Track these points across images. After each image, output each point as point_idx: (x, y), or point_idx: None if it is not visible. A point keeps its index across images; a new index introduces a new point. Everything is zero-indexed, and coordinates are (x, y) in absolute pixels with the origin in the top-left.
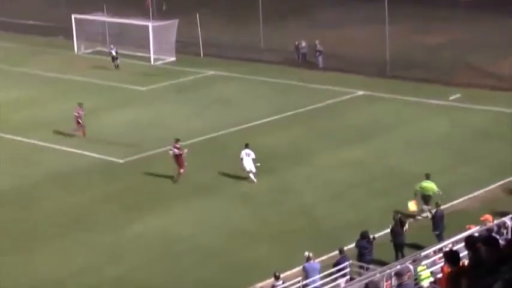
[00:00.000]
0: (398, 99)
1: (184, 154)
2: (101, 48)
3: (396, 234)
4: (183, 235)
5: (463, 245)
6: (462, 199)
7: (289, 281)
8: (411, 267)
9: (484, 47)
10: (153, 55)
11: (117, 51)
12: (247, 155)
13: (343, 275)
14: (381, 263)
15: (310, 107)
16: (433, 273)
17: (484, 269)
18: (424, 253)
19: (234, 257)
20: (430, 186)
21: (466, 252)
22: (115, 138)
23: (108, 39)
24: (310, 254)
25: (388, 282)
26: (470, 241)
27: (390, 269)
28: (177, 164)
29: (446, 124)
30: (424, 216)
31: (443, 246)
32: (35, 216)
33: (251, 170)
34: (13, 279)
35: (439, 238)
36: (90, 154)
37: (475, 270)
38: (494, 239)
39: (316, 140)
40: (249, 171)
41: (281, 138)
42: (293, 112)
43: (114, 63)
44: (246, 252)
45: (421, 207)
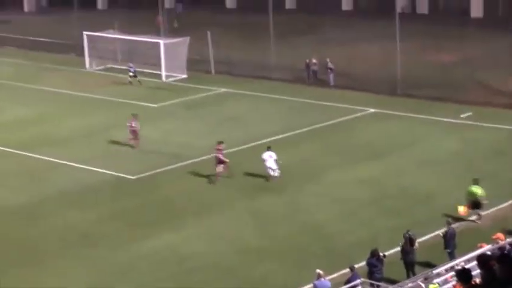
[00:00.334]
0: (409, 117)
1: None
2: (112, 65)
3: (406, 252)
4: (194, 252)
5: (474, 263)
6: (474, 217)
7: None
8: (423, 285)
9: (495, 65)
10: (164, 72)
11: (135, 70)
12: (270, 156)
13: None
14: (392, 281)
15: (321, 124)
16: None
17: (497, 286)
18: (435, 271)
19: (245, 274)
20: (475, 191)
21: (477, 271)
22: (126, 155)
23: (119, 56)
24: (321, 271)
25: None
26: (483, 259)
27: (401, 287)
28: (219, 163)
29: (458, 142)
30: (472, 219)
31: (455, 265)
32: (44, 233)
33: (275, 169)
34: None
35: (451, 256)
36: (101, 170)
37: None
38: (508, 257)
39: (327, 157)
40: (273, 170)
41: (292, 155)
42: (304, 130)
43: (131, 80)
44: (256, 269)
45: (472, 211)
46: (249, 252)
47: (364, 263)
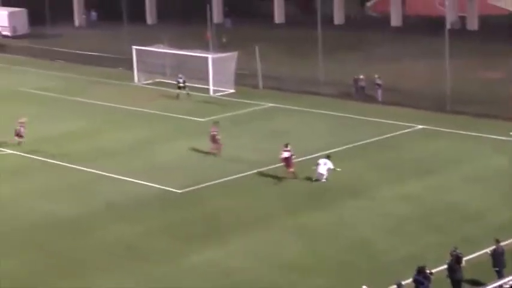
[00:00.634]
0: (458, 133)
1: (293, 156)
2: (160, 79)
3: (453, 270)
4: (239, 267)
5: None
6: None
7: None
8: None
9: None
10: (212, 87)
11: (185, 81)
12: (325, 164)
13: None
14: None
15: (368, 140)
16: None
17: None
18: None
19: None
20: None
21: None
22: (173, 169)
23: (168, 70)
24: None
25: None
26: None
27: None
28: (287, 165)
29: (506, 160)
30: None
31: (504, 283)
32: (91, 245)
33: (323, 175)
34: None
35: (499, 275)
36: (148, 184)
37: None
38: None
39: (374, 173)
40: (321, 175)
41: (339, 171)
42: (351, 145)
43: (179, 91)
44: (301, 286)
45: None
46: (294, 268)
47: (410, 279)
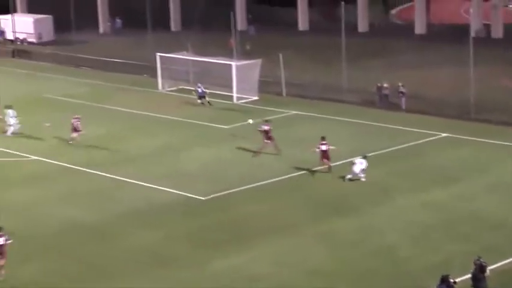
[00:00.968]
0: (482, 142)
1: (330, 149)
2: (184, 86)
3: (478, 280)
4: (263, 273)
5: None
6: None
7: None
8: None
9: None
10: (236, 94)
11: (204, 90)
12: (361, 163)
13: None
14: None
15: (392, 148)
16: None
17: None
18: None
19: None
20: None
21: None
22: (197, 175)
23: (191, 77)
24: None
25: None
26: None
27: None
28: (324, 158)
29: None
30: None
31: None
32: (115, 251)
33: (356, 174)
34: None
35: None
36: (171, 190)
37: None
38: None
39: (398, 181)
40: (355, 174)
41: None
42: (375, 153)
43: (201, 101)
44: None
45: None
46: (318, 274)
47: None
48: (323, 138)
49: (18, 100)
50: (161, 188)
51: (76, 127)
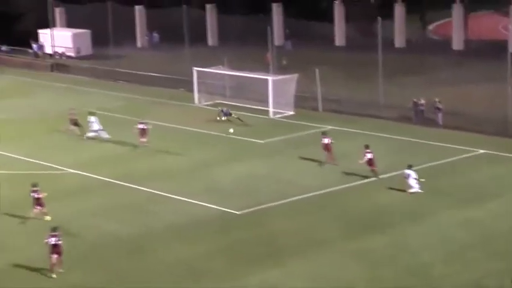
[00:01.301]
0: None
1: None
2: (220, 101)
3: None
4: None
5: None
6: None
7: None
8: None
9: None
10: (272, 108)
11: (227, 113)
12: (410, 175)
13: None
14: None
15: (429, 164)
16: None
17: None
18: None
19: None
20: None
21: None
22: (232, 190)
23: (228, 92)
24: None
25: None
26: None
27: None
28: (370, 165)
29: None
30: None
31: None
32: (151, 265)
33: (413, 187)
34: None
35: None
36: (206, 205)
37: None
38: None
39: (434, 197)
40: (412, 187)
41: (398, 195)
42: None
43: (227, 118)
44: None
45: None
46: None
47: None
48: (367, 147)
49: (56, 114)
50: (197, 202)
51: (143, 132)
